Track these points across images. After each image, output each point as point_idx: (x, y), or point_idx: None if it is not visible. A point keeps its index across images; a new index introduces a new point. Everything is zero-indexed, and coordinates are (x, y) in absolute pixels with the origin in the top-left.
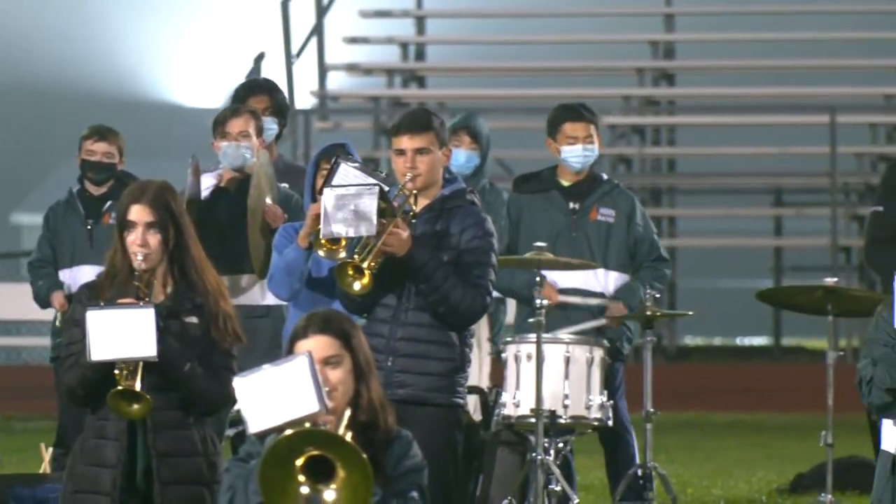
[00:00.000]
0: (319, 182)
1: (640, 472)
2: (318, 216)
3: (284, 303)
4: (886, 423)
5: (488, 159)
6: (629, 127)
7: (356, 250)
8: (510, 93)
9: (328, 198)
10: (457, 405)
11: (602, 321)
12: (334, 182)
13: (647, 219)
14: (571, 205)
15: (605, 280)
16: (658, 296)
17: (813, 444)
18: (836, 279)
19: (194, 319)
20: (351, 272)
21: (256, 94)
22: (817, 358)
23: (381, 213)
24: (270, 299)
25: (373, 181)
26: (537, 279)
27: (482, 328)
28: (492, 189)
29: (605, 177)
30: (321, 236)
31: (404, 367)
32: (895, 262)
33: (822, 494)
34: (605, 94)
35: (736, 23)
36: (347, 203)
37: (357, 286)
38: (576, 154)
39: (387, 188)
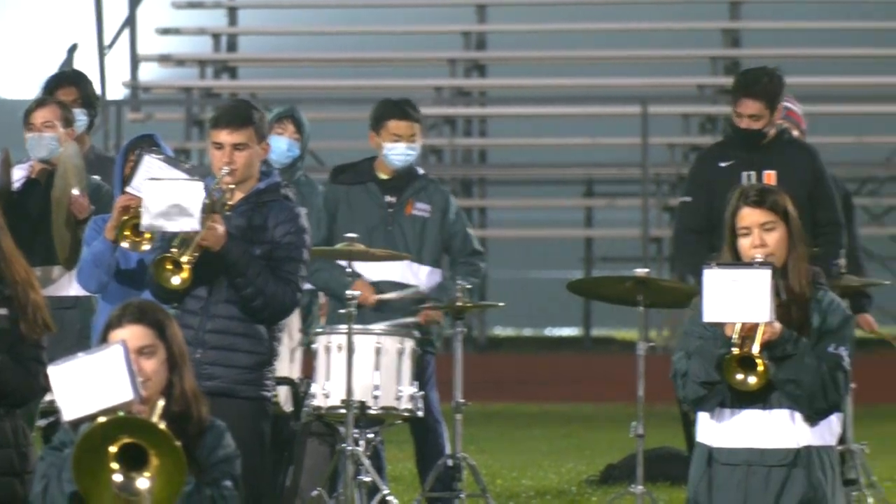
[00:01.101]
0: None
1: (449, 463)
2: (124, 208)
3: (93, 294)
4: (703, 416)
5: (306, 151)
6: (441, 117)
7: (174, 244)
8: (322, 83)
9: (149, 191)
10: (264, 398)
11: (415, 319)
12: (140, 175)
13: (461, 213)
14: (388, 198)
15: (418, 273)
16: (469, 287)
17: (623, 434)
18: (646, 270)
19: (3, 311)
20: (170, 267)
21: (64, 85)
22: (628, 349)
23: (203, 209)
24: (78, 290)
25: (183, 175)
26: (350, 280)
27: (293, 319)
28: (307, 181)
29: (420, 171)
30: (141, 228)
31: (213, 360)
32: (702, 252)
33: (633, 485)
34: (416, 84)
35: (547, 14)
36: (169, 197)
37: (176, 281)
38: (398, 152)
39: (199, 182)
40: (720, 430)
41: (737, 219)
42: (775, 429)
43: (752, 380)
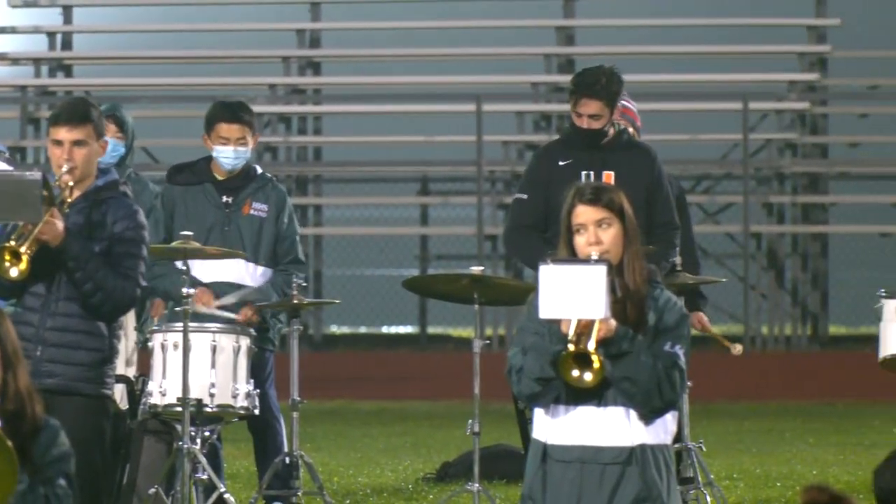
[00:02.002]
0: None
1: (287, 461)
2: None
3: None
4: (538, 413)
5: (133, 148)
6: (275, 115)
7: (13, 236)
8: (157, 81)
9: None
10: (105, 396)
11: (233, 316)
12: None
13: (294, 218)
14: (225, 198)
15: (254, 273)
16: (304, 284)
17: (459, 432)
18: (482, 268)
19: None
20: (8, 257)
21: None
22: (463, 346)
23: (42, 201)
24: None
25: (21, 169)
26: (186, 280)
27: (129, 317)
28: (137, 179)
29: (259, 170)
30: None
31: (53, 357)
32: (533, 247)
33: (469, 483)
34: (251, 82)
35: (381, 12)
36: (9, 189)
37: (14, 272)
38: (227, 155)
39: (38, 173)
40: (555, 427)
41: (573, 216)
42: (610, 426)
43: (588, 377)
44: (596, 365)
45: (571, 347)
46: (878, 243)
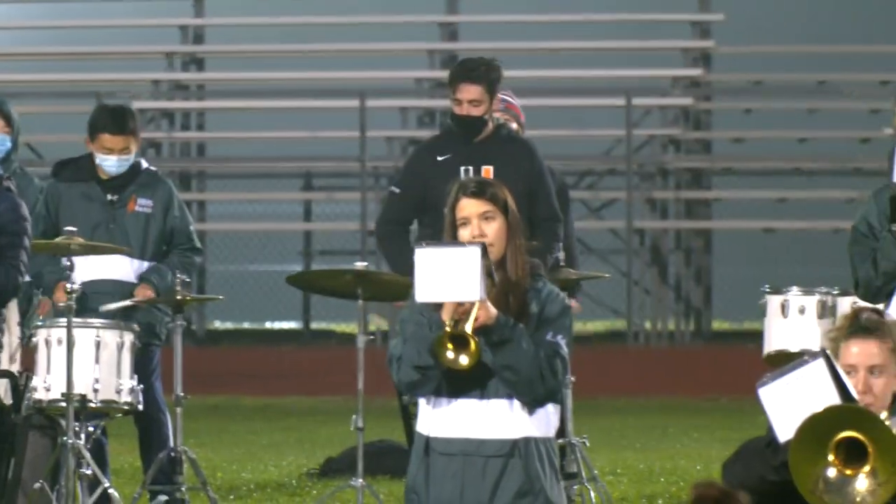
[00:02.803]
0: None
1: (171, 456)
2: None
3: None
4: (422, 406)
5: (19, 143)
6: (158, 111)
7: None
8: (40, 77)
9: None
10: None
11: (128, 302)
12: None
13: (184, 209)
14: (110, 196)
15: (139, 270)
16: (188, 280)
17: (343, 428)
18: (365, 263)
19: None
20: None
21: None
22: (347, 342)
23: None
24: None
25: None
26: (68, 274)
27: (12, 312)
28: (23, 174)
29: (144, 165)
30: None
31: None
32: (398, 249)
33: (353, 479)
34: (134, 78)
35: (265, 7)
36: None
37: None
38: (110, 164)
39: None
40: (437, 420)
41: (456, 210)
42: (493, 419)
43: (465, 360)
44: (472, 347)
45: (448, 329)
46: (761, 239)
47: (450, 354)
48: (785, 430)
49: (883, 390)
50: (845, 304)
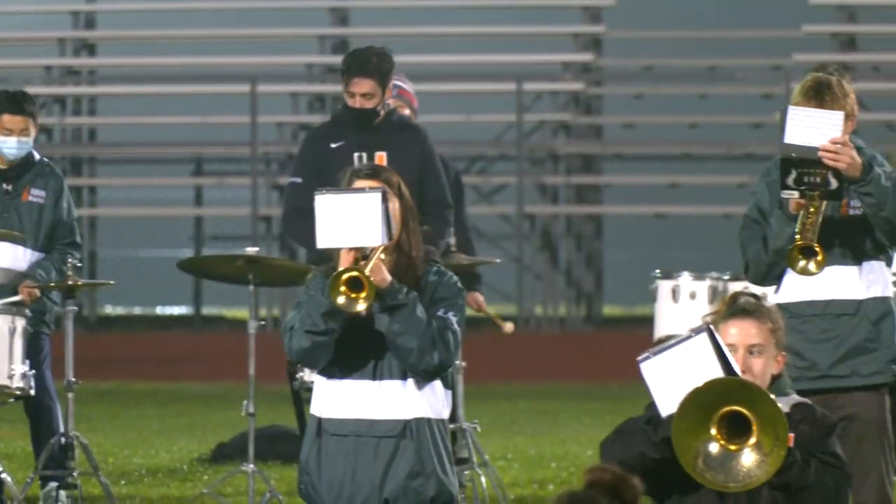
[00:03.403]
0: None
1: (62, 441)
2: None
3: None
4: (316, 387)
5: None
6: (50, 97)
7: None
8: None
9: None
10: None
11: (18, 297)
12: None
13: (71, 203)
14: (5, 185)
15: (30, 258)
16: (80, 265)
17: (235, 413)
18: (256, 248)
19: None
20: None
21: None
22: (238, 327)
23: None
24: None
25: None
26: None
27: None
28: None
29: (37, 157)
30: None
31: None
32: (311, 230)
33: (244, 464)
34: (26, 64)
35: None
36: None
37: None
38: (10, 146)
39: None
40: (330, 401)
41: None
42: (385, 400)
43: (360, 305)
44: (366, 290)
45: (343, 269)
46: (652, 224)
47: (342, 299)
48: (667, 405)
49: (762, 370)
50: (736, 289)
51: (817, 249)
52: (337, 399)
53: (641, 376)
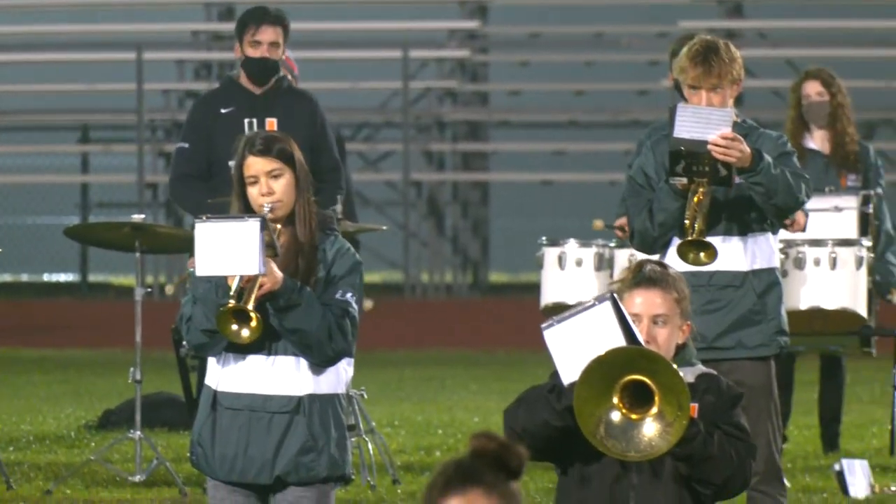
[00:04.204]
0: None
1: None
2: None
3: None
4: (211, 360)
5: None
6: None
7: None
8: None
9: None
10: None
11: None
12: None
13: None
14: None
15: None
16: None
17: (121, 380)
18: (143, 216)
19: None
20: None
21: None
22: (125, 294)
23: None
24: None
25: None
26: None
27: None
28: None
29: None
30: None
31: None
32: (196, 198)
33: (131, 431)
34: None
35: None
36: None
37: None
38: None
39: None
40: (225, 375)
41: (244, 168)
42: (279, 376)
43: (246, 333)
44: (253, 323)
45: (231, 303)
46: (538, 191)
47: (233, 327)
48: (569, 373)
49: (667, 340)
50: (622, 257)
51: (707, 242)
52: (232, 373)
53: (545, 343)
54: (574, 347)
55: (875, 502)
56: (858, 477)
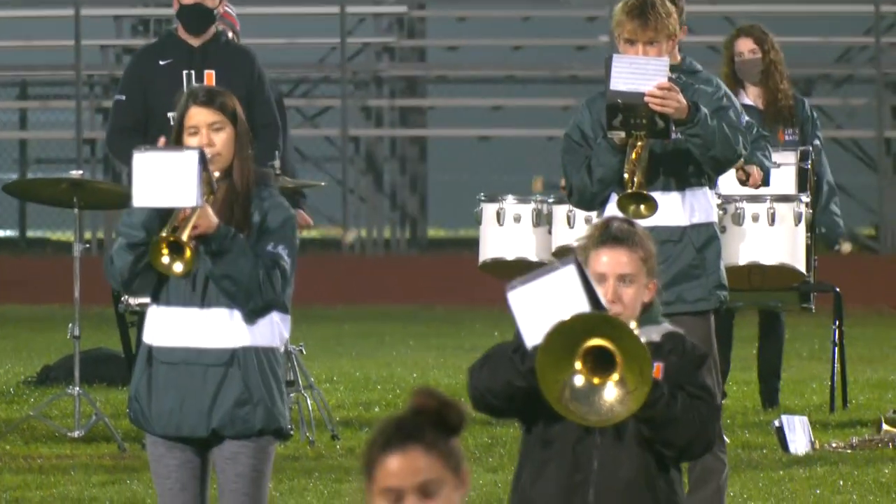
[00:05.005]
0: None
1: None
2: None
3: None
4: (148, 315)
5: None
6: None
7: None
8: None
9: None
10: None
11: None
12: None
13: None
14: None
15: None
16: None
17: (60, 336)
18: (81, 172)
19: None
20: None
21: None
22: (63, 250)
23: None
24: None
25: None
26: None
27: None
28: None
29: None
30: None
31: None
32: (133, 150)
33: (70, 387)
34: None
35: None
36: None
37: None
38: None
39: None
40: (160, 329)
41: (186, 118)
42: (213, 328)
43: (179, 266)
44: (187, 255)
45: (164, 234)
46: (477, 147)
47: (165, 260)
48: (533, 336)
49: (633, 299)
50: (560, 213)
51: (646, 195)
52: (166, 327)
53: (508, 305)
54: (537, 310)
55: (815, 459)
56: (798, 433)
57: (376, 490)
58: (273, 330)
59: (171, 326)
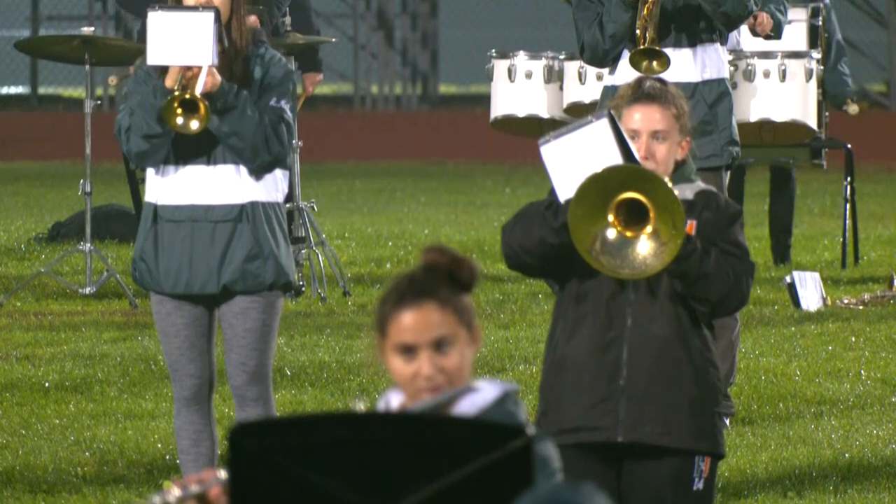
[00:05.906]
0: None
1: None
2: None
3: None
4: (150, 173)
5: None
6: None
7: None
8: None
9: None
10: None
11: None
12: None
13: None
14: None
15: None
16: None
17: (72, 192)
18: (92, 28)
19: None
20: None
21: None
22: (75, 106)
23: None
24: None
25: None
26: None
27: None
28: None
29: None
30: None
31: None
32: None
33: (82, 243)
34: None
35: None
36: None
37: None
38: None
39: None
40: (165, 188)
41: None
42: (220, 185)
43: (195, 124)
44: (202, 111)
45: (178, 93)
46: (488, 3)
47: (180, 120)
48: (566, 190)
49: (665, 156)
50: (572, 69)
51: (659, 50)
52: (172, 185)
53: (541, 159)
54: (570, 164)
55: (827, 315)
56: (810, 289)
57: (389, 346)
58: (276, 185)
59: (176, 185)
